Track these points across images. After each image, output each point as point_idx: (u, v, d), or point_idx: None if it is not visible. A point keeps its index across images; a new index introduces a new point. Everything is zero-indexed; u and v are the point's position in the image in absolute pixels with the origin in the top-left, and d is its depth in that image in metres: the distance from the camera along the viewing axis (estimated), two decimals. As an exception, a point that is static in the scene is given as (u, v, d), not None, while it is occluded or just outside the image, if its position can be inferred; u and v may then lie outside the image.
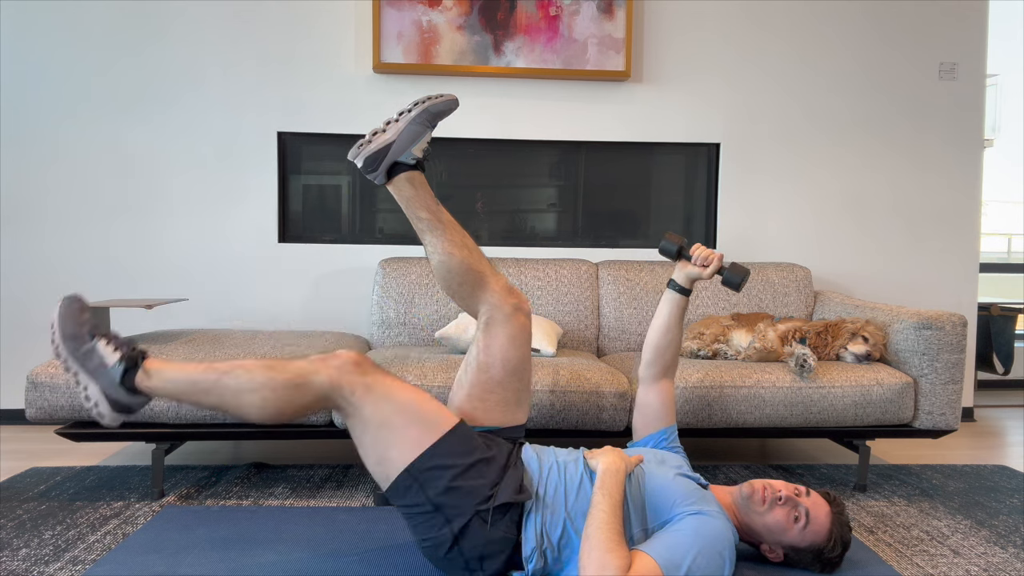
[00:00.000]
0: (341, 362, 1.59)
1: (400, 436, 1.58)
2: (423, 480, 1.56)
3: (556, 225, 3.35)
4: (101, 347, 1.65)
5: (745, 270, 1.87)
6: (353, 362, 1.60)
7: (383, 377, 1.62)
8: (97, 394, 1.64)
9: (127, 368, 1.63)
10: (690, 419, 2.29)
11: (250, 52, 3.12)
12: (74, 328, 1.65)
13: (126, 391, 1.64)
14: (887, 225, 3.38)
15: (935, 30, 3.34)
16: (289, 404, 1.58)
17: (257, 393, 1.57)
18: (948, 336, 2.34)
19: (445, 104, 1.78)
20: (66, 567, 1.74)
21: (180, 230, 3.14)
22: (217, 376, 1.60)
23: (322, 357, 1.62)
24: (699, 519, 1.55)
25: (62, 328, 1.65)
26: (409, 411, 1.60)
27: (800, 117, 3.32)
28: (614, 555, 1.43)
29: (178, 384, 1.63)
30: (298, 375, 1.58)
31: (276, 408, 1.58)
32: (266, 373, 1.58)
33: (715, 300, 2.95)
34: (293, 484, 2.38)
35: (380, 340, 2.88)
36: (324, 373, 1.58)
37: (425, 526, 1.58)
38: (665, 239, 1.93)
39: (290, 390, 1.57)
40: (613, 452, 1.67)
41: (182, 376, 1.63)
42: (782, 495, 1.65)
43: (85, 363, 1.64)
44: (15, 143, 3.08)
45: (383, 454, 1.59)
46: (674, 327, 1.95)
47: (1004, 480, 2.51)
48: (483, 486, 1.57)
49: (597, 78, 3.19)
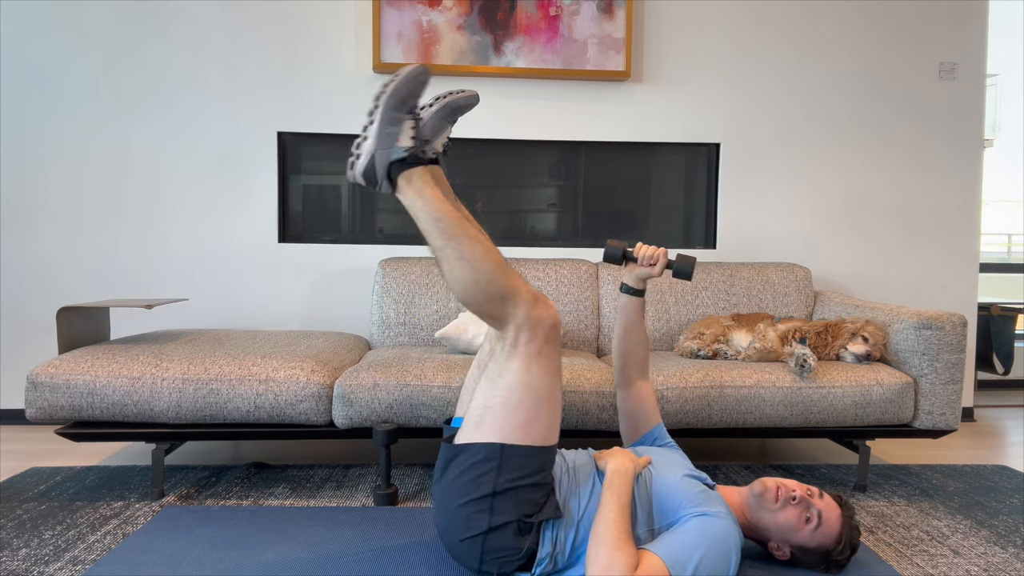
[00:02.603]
0: (548, 312, 1.59)
1: (527, 413, 1.57)
2: (504, 465, 1.55)
3: (556, 225, 3.35)
4: (408, 126, 1.65)
5: (692, 258, 1.93)
6: (553, 323, 1.60)
7: (558, 357, 1.63)
8: (369, 150, 1.65)
9: (405, 159, 1.63)
10: (690, 419, 2.29)
11: (250, 52, 3.12)
12: (408, 94, 1.64)
13: (386, 173, 1.65)
14: (887, 225, 3.38)
15: (935, 30, 3.34)
16: (492, 280, 1.57)
17: (482, 247, 1.58)
18: (948, 336, 2.34)
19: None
20: (66, 567, 1.74)
21: (180, 230, 3.14)
22: (461, 228, 1.59)
23: (541, 295, 1.63)
24: (705, 520, 1.56)
25: (399, 87, 1.64)
26: (551, 403, 1.60)
27: (800, 117, 3.32)
28: (621, 554, 1.44)
29: (425, 208, 1.61)
30: (516, 276, 1.60)
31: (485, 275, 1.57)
32: (495, 256, 1.59)
33: (715, 300, 2.95)
34: (293, 484, 2.38)
35: (380, 340, 2.88)
36: (530, 299, 1.58)
37: (468, 499, 1.57)
38: (608, 246, 1.96)
39: (503, 270, 1.58)
40: (622, 453, 1.68)
41: (433, 207, 1.61)
42: (796, 495, 1.66)
43: (385, 124, 1.64)
44: (16, 143, 3.08)
45: (500, 408, 1.58)
46: (634, 329, 1.97)
47: (1004, 480, 2.51)
48: (535, 503, 1.58)
49: (597, 78, 3.19)
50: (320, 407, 2.22)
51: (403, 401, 2.20)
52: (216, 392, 2.19)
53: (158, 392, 2.18)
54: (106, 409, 2.19)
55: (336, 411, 2.22)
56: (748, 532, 1.74)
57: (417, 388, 2.21)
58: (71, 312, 2.41)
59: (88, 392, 2.18)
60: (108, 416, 2.20)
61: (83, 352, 2.28)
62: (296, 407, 2.20)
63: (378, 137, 1.65)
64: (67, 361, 2.22)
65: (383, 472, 2.20)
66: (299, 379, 2.22)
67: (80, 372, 2.19)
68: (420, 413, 2.21)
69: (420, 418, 2.22)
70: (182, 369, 2.21)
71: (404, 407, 2.21)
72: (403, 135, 1.65)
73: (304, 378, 2.22)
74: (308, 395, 2.20)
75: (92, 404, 2.18)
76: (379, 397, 2.20)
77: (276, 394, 2.20)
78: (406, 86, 1.65)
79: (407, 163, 1.65)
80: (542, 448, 1.59)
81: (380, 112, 1.65)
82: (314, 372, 2.24)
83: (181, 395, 2.18)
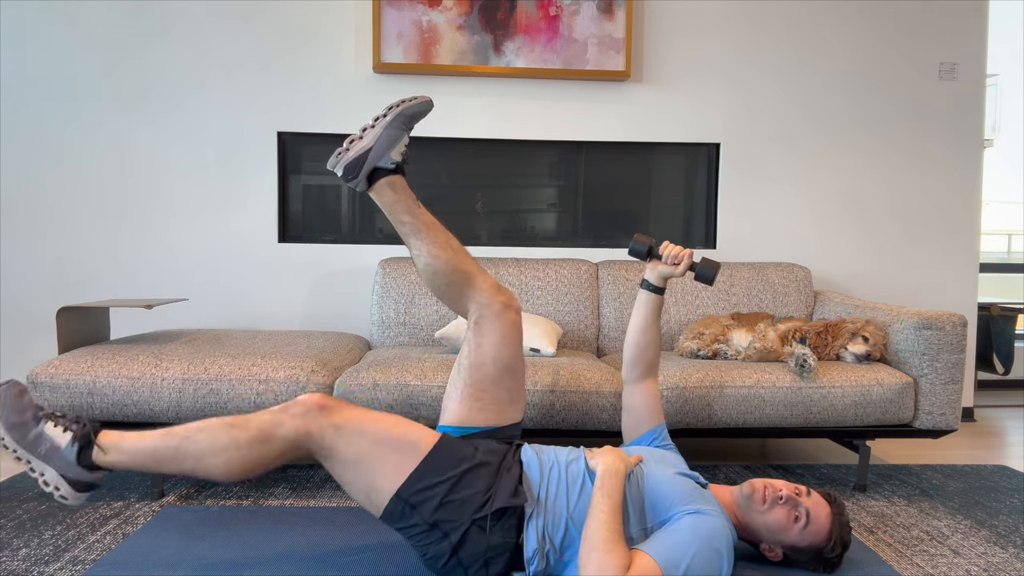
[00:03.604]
0: (304, 409, 1.57)
1: (381, 466, 1.57)
2: (415, 502, 1.56)
3: (556, 225, 3.35)
4: (49, 429, 1.57)
5: (716, 264, 1.91)
6: (318, 406, 1.58)
7: (351, 412, 1.60)
8: (55, 478, 1.56)
9: (81, 447, 1.55)
10: (690, 419, 2.29)
11: (251, 52, 3.12)
12: (16, 416, 1.56)
13: (85, 469, 1.56)
14: (887, 225, 3.38)
15: (935, 30, 3.34)
16: (258, 460, 1.55)
17: (222, 455, 1.54)
18: (948, 336, 2.34)
19: (420, 106, 1.78)
20: (66, 567, 1.74)
21: (180, 230, 3.14)
22: (178, 442, 1.55)
23: (284, 407, 1.59)
24: (697, 518, 1.55)
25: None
26: (385, 440, 1.59)
27: (800, 117, 3.32)
28: (614, 555, 1.43)
29: (137, 455, 1.57)
30: (261, 430, 1.54)
31: (243, 467, 1.55)
32: (229, 432, 1.54)
33: (715, 300, 2.95)
34: (293, 484, 2.38)
35: (380, 340, 2.88)
36: (288, 424, 1.55)
37: (424, 543, 1.58)
38: (634, 240, 1.95)
39: (255, 446, 1.54)
40: (613, 452, 1.67)
41: (140, 446, 1.57)
42: (783, 494, 1.65)
43: (35, 449, 1.56)
44: (16, 144, 3.08)
45: (369, 486, 1.58)
46: (651, 327, 1.96)
47: (1004, 480, 2.51)
48: (477, 494, 1.57)
49: (597, 78, 3.19)
50: (320, 407, 2.21)
51: (403, 401, 2.21)
52: (216, 392, 2.19)
53: (158, 392, 2.18)
54: (106, 409, 2.19)
55: (336, 411, 2.22)
56: (740, 533, 1.73)
57: (417, 388, 2.21)
58: (71, 312, 2.41)
59: (88, 392, 2.18)
60: (108, 416, 2.20)
61: (83, 352, 2.28)
62: (296, 407, 2.20)
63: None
64: (67, 361, 2.23)
65: (383, 472, 2.20)
66: (299, 379, 2.22)
67: (80, 372, 2.20)
68: (420, 413, 2.21)
69: (420, 418, 2.21)
70: (182, 369, 2.21)
71: (404, 407, 2.21)
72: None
73: (304, 378, 2.22)
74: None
75: (92, 404, 2.18)
76: (379, 397, 2.20)
77: (276, 394, 2.20)
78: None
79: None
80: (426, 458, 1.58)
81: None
82: (314, 372, 2.24)
83: (181, 395, 2.18)
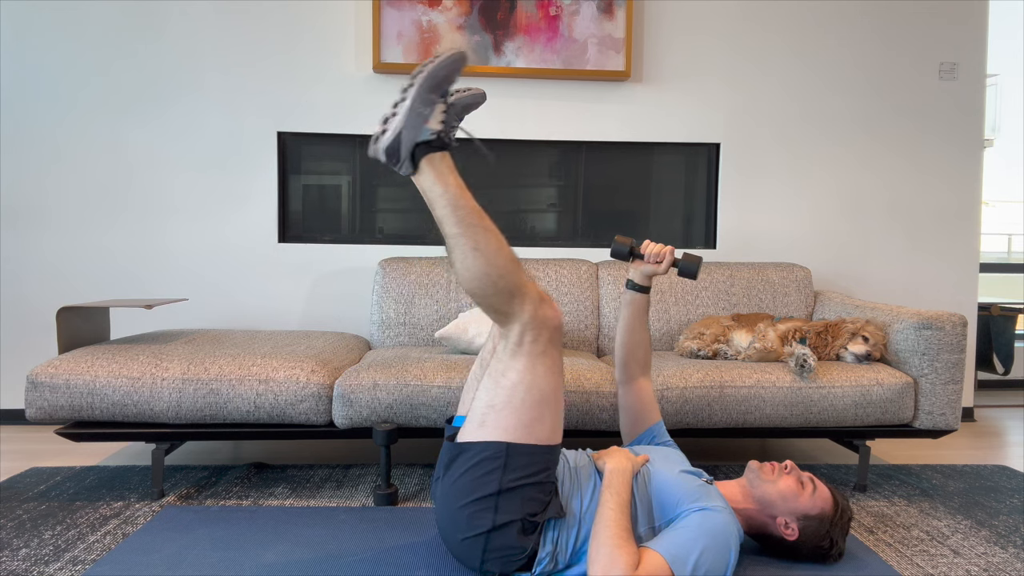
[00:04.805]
0: (553, 314, 1.60)
1: (531, 412, 1.58)
2: (509, 463, 1.56)
3: (556, 225, 3.35)
4: (439, 109, 1.63)
5: (698, 258, 1.93)
6: (557, 324, 1.61)
7: (560, 358, 1.63)
8: (397, 127, 1.60)
9: (431, 141, 1.60)
10: (690, 419, 2.29)
11: (250, 52, 3.12)
12: (444, 78, 1.61)
13: (411, 151, 1.60)
14: (887, 225, 3.38)
15: (935, 30, 3.34)
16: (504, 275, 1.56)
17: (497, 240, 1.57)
18: (948, 336, 2.34)
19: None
20: (66, 567, 1.74)
21: (180, 230, 3.14)
22: (478, 218, 1.58)
23: (547, 296, 1.63)
24: (704, 515, 1.58)
25: (436, 69, 1.61)
26: (554, 403, 1.61)
27: (800, 117, 3.32)
28: (622, 552, 1.46)
29: (444, 194, 1.58)
30: (525, 274, 1.60)
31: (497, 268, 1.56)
32: (509, 248, 1.59)
33: (715, 300, 2.95)
34: (293, 484, 2.38)
35: (380, 340, 2.88)
36: (537, 299, 1.59)
37: (473, 498, 1.57)
38: (615, 242, 1.96)
39: (515, 267, 1.58)
40: (620, 452, 1.70)
41: (453, 193, 1.58)
42: (787, 465, 1.76)
43: (418, 103, 1.60)
44: (15, 144, 3.08)
45: (504, 407, 1.58)
46: (639, 326, 1.98)
47: (1004, 480, 2.51)
48: (540, 502, 1.58)
49: (597, 78, 3.19)
50: (320, 407, 2.22)
51: (403, 401, 2.20)
52: (216, 392, 2.19)
53: (158, 392, 2.18)
54: (106, 409, 2.19)
55: (336, 411, 2.22)
56: (747, 527, 1.75)
57: (417, 388, 2.21)
58: (71, 312, 2.41)
59: (88, 392, 2.18)
60: (108, 416, 2.20)
61: (83, 352, 2.28)
62: (296, 407, 2.20)
63: (408, 116, 1.59)
64: (67, 361, 2.22)
65: (383, 472, 2.20)
66: (299, 379, 2.22)
67: (80, 372, 2.19)
68: (420, 413, 2.21)
69: (420, 418, 2.22)
70: (182, 369, 2.21)
71: (404, 407, 2.21)
72: (433, 117, 1.62)
73: (304, 378, 2.22)
74: (308, 395, 2.20)
75: (92, 404, 2.18)
76: (379, 397, 2.20)
77: (276, 394, 2.20)
78: (444, 69, 1.61)
79: (432, 146, 1.61)
80: (547, 447, 1.59)
81: (415, 91, 1.60)
82: (314, 372, 2.24)
83: (181, 395, 2.18)
